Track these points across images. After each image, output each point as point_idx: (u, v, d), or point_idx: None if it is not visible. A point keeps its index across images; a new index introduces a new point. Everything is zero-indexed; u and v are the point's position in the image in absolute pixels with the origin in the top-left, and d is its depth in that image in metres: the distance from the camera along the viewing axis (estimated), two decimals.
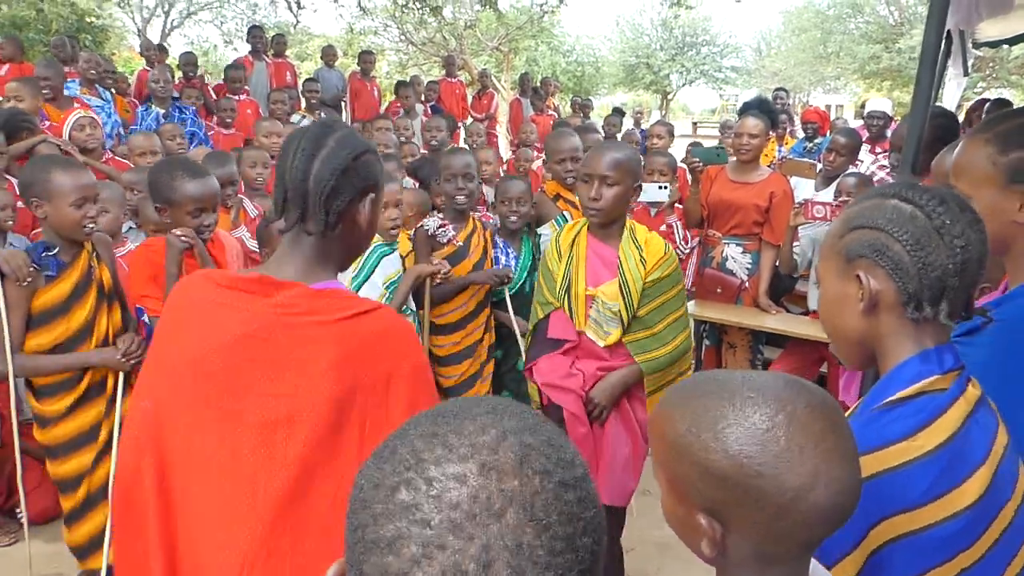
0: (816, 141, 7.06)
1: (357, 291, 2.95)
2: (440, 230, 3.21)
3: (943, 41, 2.70)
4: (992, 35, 4.87)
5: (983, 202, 1.36)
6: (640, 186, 2.51)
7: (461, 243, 3.27)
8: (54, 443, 2.46)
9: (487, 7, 14.66)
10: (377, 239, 3.01)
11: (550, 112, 10.47)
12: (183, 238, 2.47)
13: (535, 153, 6.41)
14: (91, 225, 2.42)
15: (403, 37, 19.87)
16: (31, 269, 2.36)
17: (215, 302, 1.31)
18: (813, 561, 0.93)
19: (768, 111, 4.31)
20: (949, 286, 1.06)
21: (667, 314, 2.50)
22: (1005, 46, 5.56)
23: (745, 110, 4.35)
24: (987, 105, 5.87)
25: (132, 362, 2.47)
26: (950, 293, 1.06)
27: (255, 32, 8.65)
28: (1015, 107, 5.51)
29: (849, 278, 1.12)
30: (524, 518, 0.52)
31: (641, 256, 2.46)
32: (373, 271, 3.09)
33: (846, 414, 1.20)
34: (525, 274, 3.59)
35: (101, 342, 2.49)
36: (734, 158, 4.17)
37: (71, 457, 2.44)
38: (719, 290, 4.20)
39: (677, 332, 2.52)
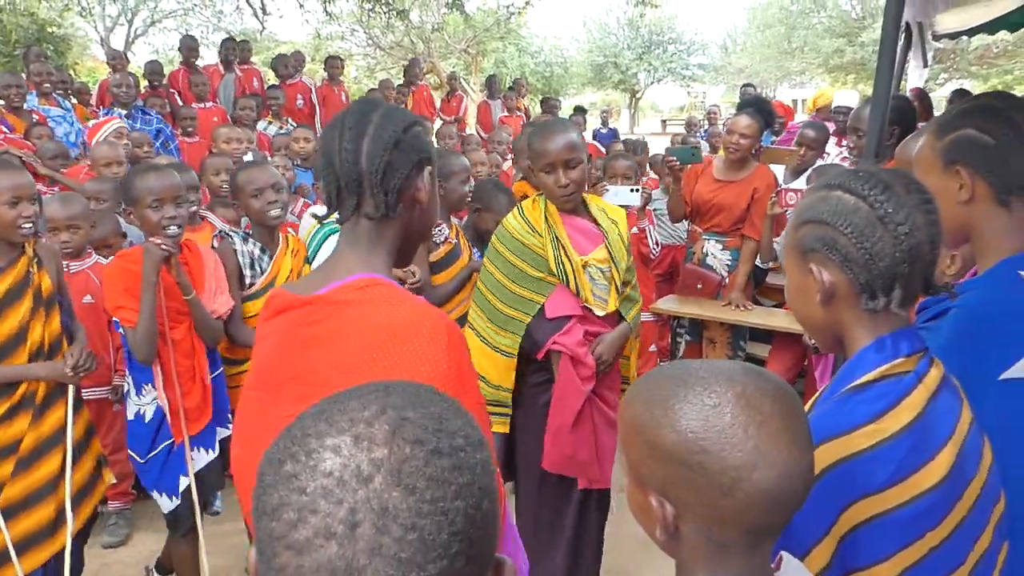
0: (780, 136, 7.19)
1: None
2: (436, 230, 3.19)
3: (902, 34, 2.76)
4: (951, 27, 4.96)
5: (933, 190, 1.39)
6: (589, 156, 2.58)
7: (455, 240, 3.30)
8: None
9: (454, 10, 14.63)
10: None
11: (518, 114, 10.47)
12: (162, 247, 2.45)
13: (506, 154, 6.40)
14: (27, 225, 2.32)
15: (370, 41, 19.81)
16: None
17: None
18: (786, 556, 0.93)
19: (764, 111, 4.29)
20: (899, 273, 1.08)
21: (634, 272, 2.72)
22: (964, 38, 5.67)
23: (742, 108, 4.36)
24: (950, 95, 5.98)
25: (81, 375, 2.39)
26: (902, 280, 1.09)
27: (227, 44, 8.53)
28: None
29: (806, 271, 1.15)
30: (391, 483, 0.57)
31: (618, 228, 2.62)
32: (316, 253, 3.07)
33: (812, 399, 1.21)
34: None
35: (35, 350, 2.38)
36: (719, 154, 4.19)
37: None
38: (699, 286, 4.23)
39: (637, 289, 2.76)
